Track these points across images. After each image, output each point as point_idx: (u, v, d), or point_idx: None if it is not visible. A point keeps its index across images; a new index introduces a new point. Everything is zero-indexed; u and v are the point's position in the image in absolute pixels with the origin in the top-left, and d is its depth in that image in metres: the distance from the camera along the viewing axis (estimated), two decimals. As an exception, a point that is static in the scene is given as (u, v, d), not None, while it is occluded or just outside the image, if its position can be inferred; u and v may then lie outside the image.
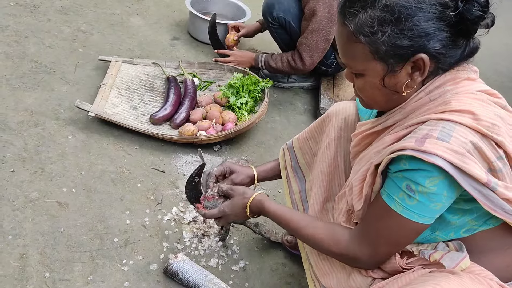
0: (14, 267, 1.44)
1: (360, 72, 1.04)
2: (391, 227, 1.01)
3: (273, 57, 2.52)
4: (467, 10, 0.94)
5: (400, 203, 0.97)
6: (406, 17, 0.94)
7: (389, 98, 1.05)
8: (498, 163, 0.95)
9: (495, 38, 3.95)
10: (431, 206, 0.96)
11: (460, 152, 0.91)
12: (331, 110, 1.43)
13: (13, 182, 1.70)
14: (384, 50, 0.97)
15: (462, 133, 0.93)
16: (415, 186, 0.95)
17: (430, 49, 0.96)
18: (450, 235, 1.06)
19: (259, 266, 1.63)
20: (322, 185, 1.39)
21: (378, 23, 0.95)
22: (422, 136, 0.94)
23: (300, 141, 1.51)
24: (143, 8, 3.10)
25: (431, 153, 0.91)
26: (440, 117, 0.95)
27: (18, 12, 2.68)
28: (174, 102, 2.19)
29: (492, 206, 0.95)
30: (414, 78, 1.00)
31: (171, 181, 1.89)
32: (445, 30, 0.95)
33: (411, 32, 0.94)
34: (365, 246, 1.07)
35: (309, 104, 2.61)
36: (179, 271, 1.48)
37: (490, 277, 1.01)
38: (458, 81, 1.01)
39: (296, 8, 2.42)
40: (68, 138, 1.95)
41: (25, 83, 2.19)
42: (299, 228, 1.22)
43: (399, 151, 0.96)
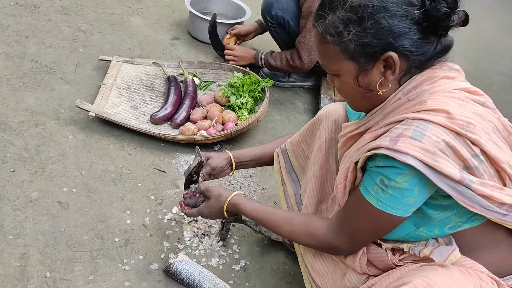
0: (14, 267, 1.44)
1: (336, 72, 1.08)
2: (367, 218, 1.06)
3: (272, 55, 2.52)
4: (433, 7, 0.96)
5: (375, 195, 1.02)
6: (369, 16, 0.97)
7: (365, 97, 1.08)
8: (473, 160, 0.96)
9: (496, 37, 3.96)
10: (403, 200, 0.99)
11: (432, 151, 0.93)
12: (321, 113, 1.46)
13: (13, 182, 1.71)
14: (353, 49, 1.00)
15: (435, 132, 0.95)
16: (387, 181, 0.98)
17: (398, 47, 0.98)
18: (435, 232, 1.07)
19: (260, 266, 1.63)
20: (315, 188, 1.41)
21: (343, 23, 1.00)
22: (396, 135, 0.97)
23: (293, 144, 1.53)
24: (143, 8, 3.10)
25: (403, 152, 0.94)
26: (415, 116, 0.98)
27: (19, 12, 2.69)
28: (175, 102, 2.19)
29: (468, 202, 0.97)
30: (387, 76, 1.02)
31: (171, 180, 1.89)
32: (411, 28, 0.97)
33: (376, 31, 0.97)
34: (343, 236, 1.13)
35: (309, 103, 2.61)
36: (179, 270, 1.48)
37: (481, 269, 1.03)
38: (435, 80, 1.03)
39: (295, 7, 2.42)
40: (68, 138, 1.96)
41: (26, 83, 2.19)
42: (277, 226, 1.26)
43: (375, 149, 0.99)
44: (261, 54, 2.56)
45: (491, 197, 0.97)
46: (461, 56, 3.61)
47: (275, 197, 1.93)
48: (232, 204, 1.34)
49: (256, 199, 1.78)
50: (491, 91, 2.86)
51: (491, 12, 4.43)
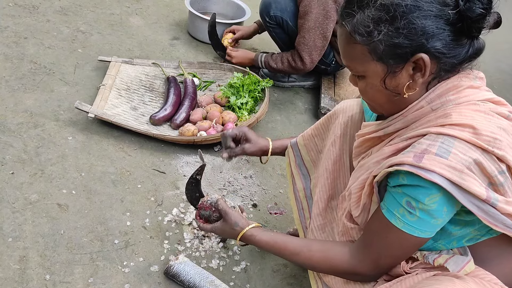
0: (14, 269, 1.43)
1: (361, 74, 1.03)
2: (393, 242, 1.00)
3: (273, 57, 2.51)
4: (468, 8, 0.91)
5: (401, 218, 0.97)
6: (402, 15, 0.92)
7: (391, 100, 1.03)
8: (499, 177, 0.93)
9: (497, 36, 3.94)
10: (432, 222, 0.95)
11: (458, 169, 0.90)
12: (338, 108, 1.42)
13: (13, 184, 1.70)
14: (382, 50, 0.95)
15: (462, 149, 0.91)
16: (415, 203, 0.94)
17: (430, 48, 0.93)
18: (453, 244, 1.05)
19: (260, 267, 1.62)
20: (327, 183, 1.37)
21: (373, 22, 0.94)
22: (420, 151, 0.92)
23: (305, 138, 1.50)
24: (143, 8, 3.09)
25: (429, 170, 0.90)
26: (439, 131, 0.93)
27: (17, 13, 2.68)
28: (174, 103, 2.18)
29: (492, 221, 0.94)
30: (415, 79, 0.98)
31: (171, 182, 1.88)
32: (445, 29, 0.93)
33: (408, 31, 0.92)
34: (367, 261, 1.07)
35: (309, 103, 2.60)
36: (180, 272, 1.48)
37: (495, 281, 1.00)
38: (460, 90, 0.98)
39: (293, 7, 2.41)
40: (68, 140, 1.95)
41: (25, 84, 2.18)
42: (294, 254, 1.19)
43: (397, 165, 0.95)
44: (260, 56, 2.55)
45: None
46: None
47: (276, 198, 1.92)
48: (248, 235, 1.27)
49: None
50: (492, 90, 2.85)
51: (491, 10, 4.42)
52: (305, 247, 1.18)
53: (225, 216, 1.33)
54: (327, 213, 1.37)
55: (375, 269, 1.07)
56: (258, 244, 1.26)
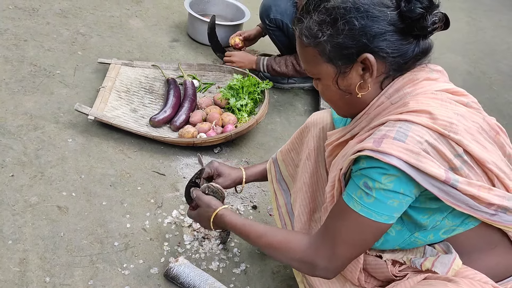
0: (14, 272, 1.43)
1: (316, 76, 1.08)
2: (350, 226, 1.00)
3: (276, 60, 2.50)
4: (408, 8, 0.95)
5: (358, 201, 0.98)
6: (342, 17, 0.97)
7: (346, 100, 1.07)
8: (456, 160, 0.95)
9: (497, 37, 3.95)
10: (388, 203, 0.95)
11: (415, 151, 0.92)
12: (309, 120, 1.45)
13: (12, 187, 1.70)
14: (329, 51, 1.00)
15: (419, 132, 0.94)
16: (372, 183, 0.95)
17: (374, 48, 0.98)
18: (430, 237, 1.06)
19: (260, 269, 1.62)
20: (306, 196, 1.39)
21: (318, 25, 1.00)
22: (379, 137, 0.96)
23: (283, 153, 1.52)
24: (142, 10, 3.10)
25: (387, 153, 0.93)
26: (398, 117, 0.97)
27: (17, 15, 2.68)
28: (174, 104, 2.18)
29: (454, 202, 0.96)
30: (365, 79, 1.02)
31: (171, 184, 1.88)
32: (387, 29, 0.97)
33: (349, 31, 0.97)
34: (323, 248, 1.05)
35: (309, 105, 2.60)
36: (179, 274, 1.48)
37: (485, 280, 1.01)
38: (416, 82, 1.02)
39: (293, 10, 2.41)
40: (67, 142, 1.95)
41: (25, 87, 2.18)
42: (258, 237, 1.18)
43: (359, 151, 0.98)
44: (262, 60, 2.54)
45: (478, 197, 0.96)
46: (462, 56, 3.62)
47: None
48: (219, 214, 1.29)
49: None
50: (492, 91, 2.86)
51: (491, 11, 4.43)
52: (269, 232, 1.18)
53: (197, 201, 1.36)
54: (311, 227, 1.38)
55: (330, 258, 1.04)
56: (229, 224, 1.26)
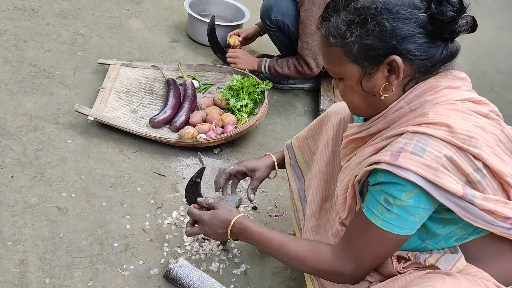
0: (14, 273, 1.43)
1: (339, 76, 1.06)
2: (373, 240, 1.01)
3: (278, 62, 2.49)
4: (439, 11, 0.94)
5: (380, 216, 0.98)
6: (372, 17, 0.96)
7: (368, 101, 1.06)
8: (475, 175, 0.94)
9: (497, 37, 3.95)
10: (410, 219, 0.96)
11: (433, 167, 0.92)
12: (331, 109, 1.44)
13: (12, 188, 1.70)
14: (356, 52, 0.99)
15: (436, 147, 0.93)
16: (392, 200, 0.95)
17: (402, 50, 0.96)
18: (441, 244, 1.06)
19: (260, 270, 1.62)
20: (320, 184, 1.38)
21: (346, 24, 0.99)
22: (397, 150, 0.95)
23: (300, 139, 1.52)
24: (142, 11, 3.10)
25: (405, 168, 0.92)
26: (416, 129, 0.96)
27: (17, 16, 2.68)
28: (174, 105, 2.18)
29: (471, 217, 0.95)
30: (391, 81, 1.01)
31: (171, 184, 1.88)
32: (417, 31, 0.96)
33: (379, 33, 0.96)
34: (348, 260, 1.07)
35: (309, 105, 2.59)
36: (179, 275, 1.47)
37: (487, 278, 1.01)
38: (438, 90, 1.01)
39: (294, 11, 2.40)
40: (67, 143, 1.95)
41: (24, 88, 2.18)
42: (282, 245, 1.16)
43: (375, 164, 0.97)
44: (264, 61, 2.53)
45: (495, 212, 0.95)
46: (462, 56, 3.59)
47: (275, 200, 1.92)
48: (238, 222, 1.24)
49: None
50: (492, 92, 2.86)
51: (491, 11, 4.42)
52: (293, 241, 1.17)
53: (217, 205, 1.29)
54: (321, 215, 1.38)
55: (356, 269, 1.06)
56: (247, 231, 1.22)
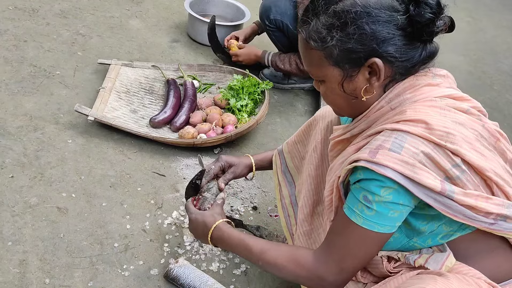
0: (14, 273, 1.43)
1: (321, 78, 1.07)
2: (354, 240, 1.01)
3: (280, 57, 2.49)
4: (417, 13, 0.95)
5: (360, 214, 0.98)
6: (352, 21, 0.96)
7: (350, 103, 1.06)
8: (454, 170, 0.95)
9: (498, 37, 3.94)
10: (389, 214, 0.96)
11: (410, 163, 0.92)
12: (318, 114, 1.45)
13: (12, 188, 1.70)
14: (337, 55, 0.99)
15: (414, 143, 0.94)
16: (371, 196, 0.96)
17: (382, 53, 0.97)
18: (428, 242, 1.06)
19: (261, 270, 1.62)
20: (311, 188, 1.39)
21: (326, 28, 0.98)
22: (375, 147, 0.96)
23: (289, 145, 1.53)
24: (142, 11, 3.09)
25: (383, 165, 0.93)
26: (394, 127, 0.97)
27: (17, 16, 2.68)
28: (174, 105, 2.18)
29: (451, 212, 0.96)
30: (372, 82, 1.01)
31: (171, 184, 1.88)
32: (396, 33, 0.96)
33: (359, 36, 0.96)
34: (331, 264, 1.05)
35: (309, 105, 2.59)
36: (180, 275, 1.47)
37: (478, 276, 1.01)
38: (417, 88, 1.01)
39: (293, 10, 2.40)
40: (67, 143, 1.94)
41: (24, 88, 2.18)
42: (261, 252, 1.16)
43: (355, 162, 0.98)
44: (268, 54, 2.53)
45: (476, 207, 0.95)
46: (463, 56, 3.61)
47: (275, 200, 1.91)
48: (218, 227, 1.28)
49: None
50: (493, 91, 2.86)
51: (491, 11, 4.42)
52: (273, 247, 1.17)
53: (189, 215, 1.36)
54: (314, 219, 1.39)
55: (339, 273, 1.04)
56: (225, 237, 1.25)
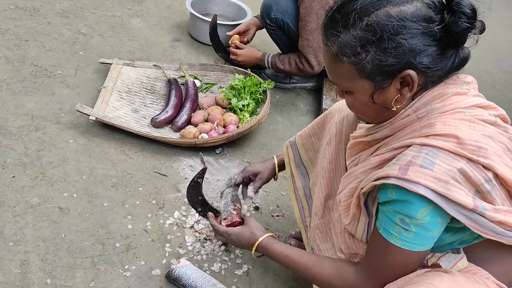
0: (15, 274, 1.43)
1: (349, 90, 1.03)
2: (395, 260, 1.01)
3: (280, 58, 2.48)
4: (453, 22, 0.92)
5: (398, 237, 0.97)
6: (389, 37, 0.92)
7: (379, 113, 1.04)
8: (486, 185, 0.93)
9: (499, 36, 3.93)
10: (429, 234, 0.96)
11: (443, 180, 0.90)
12: (334, 107, 1.44)
13: (14, 188, 1.69)
14: (370, 69, 0.96)
15: (446, 159, 0.92)
16: (408, 220, 0.95)
17: (417, 65, 0.94)
18: (445, 247, 1.06)
19: (262, 270, 1.61)
20: (323, 182, 1.39)
21: (360, 43, 0.94)
22: (405, 164, 0.93)
23: (303, 137, 1.52)
24: (144, 10, 3.09)
25: (415, 182, 0.91)
26: (423, 142, 0.94)
27: (18, 15, 2.67)
28: (176, 105, 2.17)
29: (482, 230, 0.95)
30: (403, 93, 0.99)
31: (173, 184, 1.88)
32: (431, 44, 0.93)
33: (396, 51, 0.93)
34: (371, 281, 1.07)
35: (311, 105, 2.59)
36: (181, 276, 1.47)
37: (487, 276, 1.01)
38: (446, 98, 0.99)
39: (294, 9, 2.39)
40: (69, 142, 1.94)
41: (26, 87, 2.18)
42: (306, 269, 1.21)
43: (384, 178, 0.96)
44: (267, 56, 2.52)
45: (505, 223, 0.94)
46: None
47: (277, 200, 1.91)
48: (265, 242, 1.31)
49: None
50: (494, 90, 2.84)
51: (493, 10, 4.40)
52: (317, 263, 1.21)
53: (246, 219, 1.38)
54: (325, 213, 1.39)
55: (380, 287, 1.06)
56: (273, 251, 1.28)
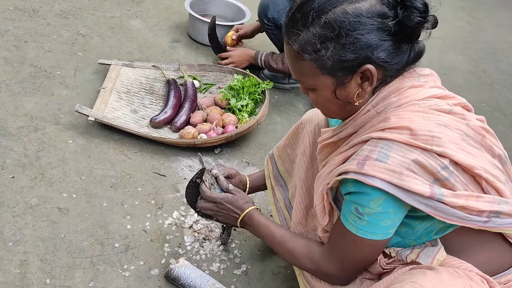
0: (14, 274, 1.43)
1: (312, 87, 1.07)
2: (351, 246, 1.06)
3: (273, 57, 2.49)
4: (406, 17, 0.96)
5: (354, 224, 1.03)
6: (346, 33, 0.96)
7: (342, 108, 1.08)
8: (443, 173, 0.96)
9: (498, 36, 3.94)
10: (381, 224, 1.00)
11: (397, 171, 0.94)
12: (304, 117, 1.47)
13: (13, 188, 1.70)
14: (330, 65, 1.00)
15: (400, 151, 0.96)
16: (361, 209, 1.00)
17: (375, 59, 0.98)
18: (422, 238, 1.08)
19: (261, 270, 1.62)
20: (302, 192, 1.41)
21: (320, 40, 0.98)
22: (363, 158, 0.98)
23: (279, 149, 1.55)
24: (143, 11, 3.09)
25: (371, 176, 0.96)
26: (379, 135, 0.99)
27: (17, 16, 2.68)
28: (174, 105, 2.18)
29: (444, 216, 0.97)
30: (364, 87, 1.02)
31: (172, 185, 1.88)
32: (387, 39, 0.97)
33: (354, 46, 0.96)
34: (332, 263, 1.13)
35: (310, 105, 2.59)
36: (180, 276, 1.47)
37: (470, 268, 1.02)
38: (401, 91, 1.03)
39: None
40: (68, 143, 1.95)
41: (25, 88, 2.18)
42: (282, 242, 1.25)
43: (344, 173, 1.01)
44: (260, 55, 2.53)
45: (467, 207, 0.96)
46: (463, 55, 3.60)
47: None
48: (251, 212, 1.33)
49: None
50: (493, 90, 2.85)
51: (492, 10, 4.41)
52: (292, 238, 1.25)
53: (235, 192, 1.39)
54: (308, 221, 1.40)
55: (341, 271, 1.12)
56: (258, 222, 1.31)
